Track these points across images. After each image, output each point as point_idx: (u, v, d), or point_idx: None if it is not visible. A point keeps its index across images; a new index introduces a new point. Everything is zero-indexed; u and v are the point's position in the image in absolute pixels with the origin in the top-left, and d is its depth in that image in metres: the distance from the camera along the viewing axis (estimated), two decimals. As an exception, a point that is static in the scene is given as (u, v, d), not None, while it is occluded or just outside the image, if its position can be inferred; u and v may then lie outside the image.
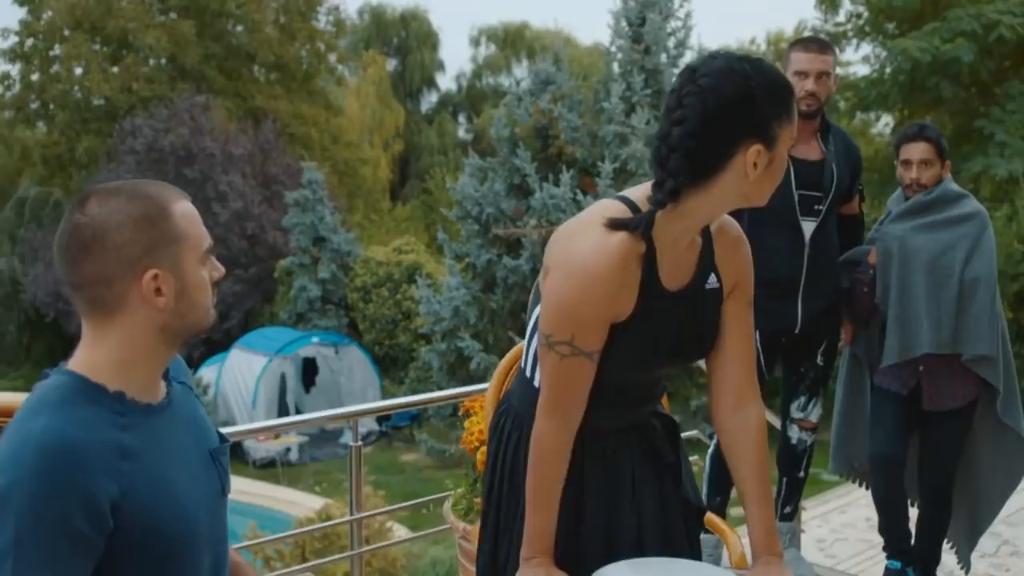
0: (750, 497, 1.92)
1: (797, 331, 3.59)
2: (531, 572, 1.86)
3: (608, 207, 1.82)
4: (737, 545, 2.22)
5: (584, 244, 1.78)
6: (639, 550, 1.95)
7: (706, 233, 1.90)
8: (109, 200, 1.50)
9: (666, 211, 1.77)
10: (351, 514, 3.18)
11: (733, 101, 1.70)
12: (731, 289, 1.94)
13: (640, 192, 1.83)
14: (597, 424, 1.94)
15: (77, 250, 1.49)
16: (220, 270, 1.61)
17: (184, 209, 1.55)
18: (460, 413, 3.03)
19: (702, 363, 2.04)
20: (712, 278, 1.90)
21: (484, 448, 2.40)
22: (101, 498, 1.40)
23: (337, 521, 4.37)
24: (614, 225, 1.77)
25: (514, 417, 2.04)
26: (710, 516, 2.33)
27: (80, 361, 1.52)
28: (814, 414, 3.77)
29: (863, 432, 3.77)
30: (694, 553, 2.03)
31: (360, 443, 3.18)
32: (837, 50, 16.42)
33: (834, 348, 3.74)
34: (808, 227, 3.50)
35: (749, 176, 1.73)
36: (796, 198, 3.46)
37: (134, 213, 1.50)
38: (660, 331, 1.86)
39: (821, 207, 3.52)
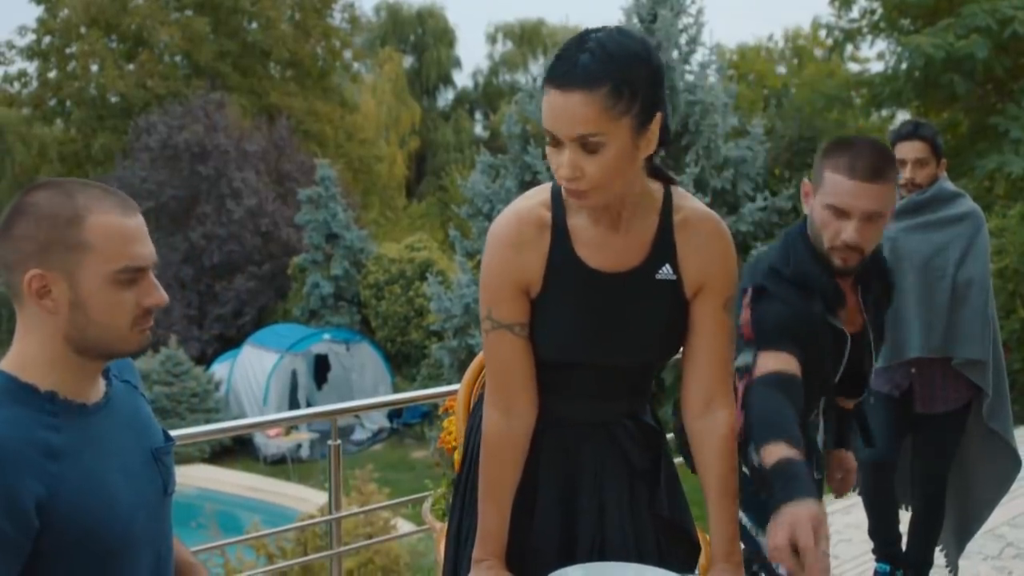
0: (713, 503, 1.86)
1: None
2: (478, 573, 1.82)
3: (536, 188, 1.87)
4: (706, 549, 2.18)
5: (496, 218, 1.83)
6: (600, 553, 1.89)
7: (666, 222, 1.83)
8: (40, 192, 1.50)
9: None
10: (330, 513, 3.16)
11: None
12: (698, 288, 1.85)
13: None
14: (553, 412, 1.89)
15: None
16: (155, 298, 1.54)
17: (106, 221, 1.49)
18: (440, 412, 2.99)
19: None
20: (666, 269, 1.82)
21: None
22: (25, 499, 1.39)
23: (314, 520, 4.35)
24: (523, 196, 1.84)
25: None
26: None
27: (12, 358, 1.51)
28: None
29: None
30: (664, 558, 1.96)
31: (339, 442, 3.15)
32: (850, 47, 16.43)
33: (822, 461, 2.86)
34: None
35: None
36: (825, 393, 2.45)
37: (46, 209, 1.48)
38: (585, 309, 1.81)
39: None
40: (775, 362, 2.04)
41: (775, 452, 1.73)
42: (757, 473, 1.82)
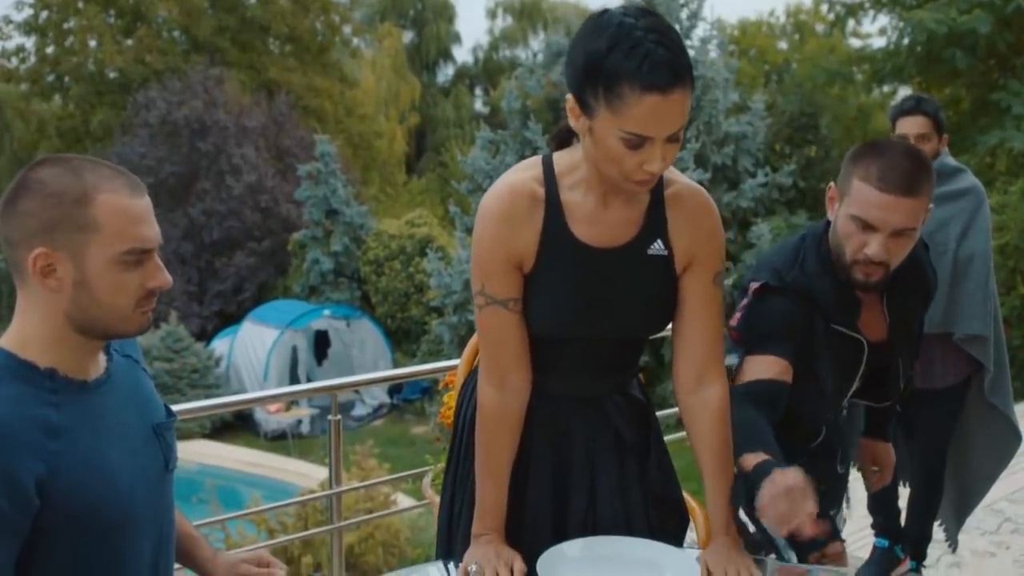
0: (709, 477, 1.87)
1: None
2: (480, 550, 1.82)
3: (526, 161, 1.85)
4: (705, 523, 2.18)
5: (488, 191, 1.81)
6: (592, 527, 1.90)
7: (658, 196, 1.82)
8: (48, 168, 1.48)
9: (567, 158, 1.79)
10: (331, 488, 3.17)
11: (573, 45, 1.66)
12: (688, 262, 1.85)
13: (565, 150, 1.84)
14: (545, 387, 1.89)
15: (1, 204, 1.47)
16: (159, 281, 1.53)
17: (114, 201, 1.47)
18: (441, 387, 3.01)
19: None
20: (658, 244, 1.82)
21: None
22: (25, 477, 1.38)
23: (315, 495, 4.36)
24: (514, 169, 1.81)
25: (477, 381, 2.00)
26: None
27: (11, 335, 1.50)
28: (840, 522, 2.91)
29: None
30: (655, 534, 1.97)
31: (339, 417, 3.15)
32: (852, 22, 16.33)
33: (850, 450, 2.88)
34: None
35: (578, 131, 1.69)
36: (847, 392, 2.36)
37: (53, 187, 1.46)
38: (578, 285, 1.80)
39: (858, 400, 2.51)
40: (760, 368, 2.01)
41: (754, 458, 1.73)
42: (738, 477, 1.79)
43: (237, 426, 15.77)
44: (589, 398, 1.95)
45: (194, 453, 13.04)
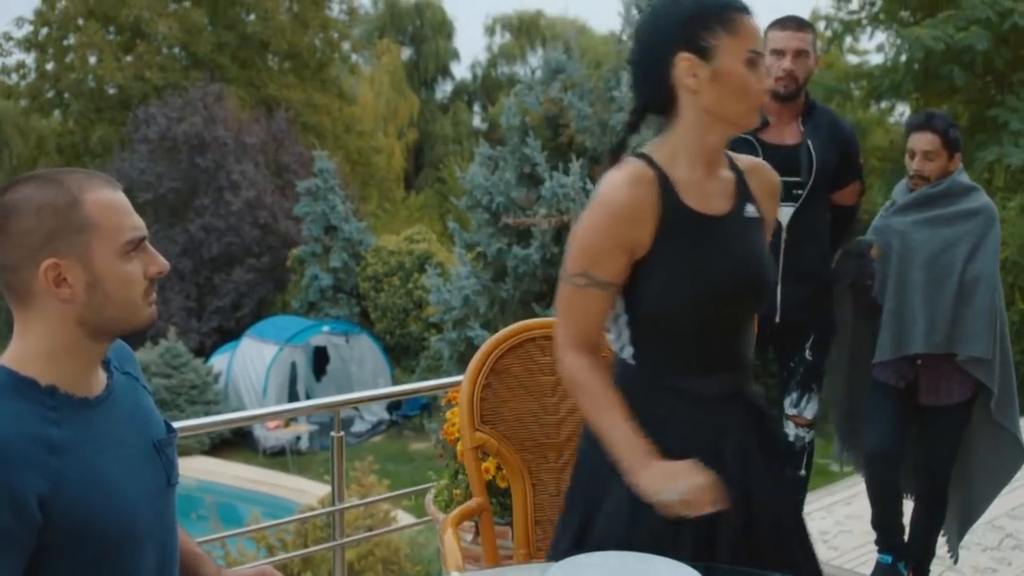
0: None
1: (778, 319, 3.45)
2: (649, 476, 1.78)
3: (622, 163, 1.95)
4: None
5: (599, 186, 1.90)
6: (745, 532, 1.87)
7: (736, 168, 1.97)
8: (24, 186, 1.49)
9: (656, 149, 1.91)
10: (333, 505, 3.16)
11: (657, 17, 1.83)
12: (764, 226, 1.99)
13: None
14: (701, 390, 1.90)
15: None
16: (159, 265, 1.57)
17: (101, 198, 1.50)
18: (443, 403, 3.01)
19: None
20: (751, 207, 1.95)
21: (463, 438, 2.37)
22: (28, 493, 1.38)
23: (317, 512, 4.35)
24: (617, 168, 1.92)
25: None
26: None
27: (11, 353, 1.50)
28: (808, 410, 3.59)
29: (861, 423, 3.72)
30: (803, 541, 2.00)
31: (342, 433, 3.15)
32: (850, 38, 16.39)
33: (824, 343, 3.57)
34: (786, 212, 3.41)
35: (694, 89, 1.83)
36: None
37: (39, 199, 1.47)
38: (704, 256, 1.87)
39: (801, 192, 3.42)
40: None
41: None
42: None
43: (236, 442, 15.75)
44: (738, 395, 1.96)
45: (193, 469, 13.02)
